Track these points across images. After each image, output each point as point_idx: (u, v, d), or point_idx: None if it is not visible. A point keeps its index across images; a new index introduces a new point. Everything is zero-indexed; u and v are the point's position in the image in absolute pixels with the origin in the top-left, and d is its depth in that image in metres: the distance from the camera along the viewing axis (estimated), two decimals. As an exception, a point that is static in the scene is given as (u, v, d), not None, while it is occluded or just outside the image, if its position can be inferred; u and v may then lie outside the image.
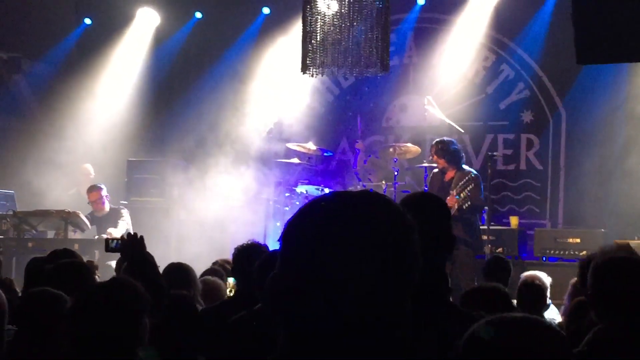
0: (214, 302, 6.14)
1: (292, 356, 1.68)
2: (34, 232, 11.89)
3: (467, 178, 10.52)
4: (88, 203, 12.30)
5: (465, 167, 10.81)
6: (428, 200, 3.65)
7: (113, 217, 12.15)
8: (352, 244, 1.65)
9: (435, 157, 10.84)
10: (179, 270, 6.27)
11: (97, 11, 15.43)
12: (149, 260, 5.18)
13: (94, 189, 12.35)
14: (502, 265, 7.82)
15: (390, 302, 1.66)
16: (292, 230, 1.72)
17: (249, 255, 5.72)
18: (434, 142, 11.02)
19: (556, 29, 12.75)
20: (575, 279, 7.09)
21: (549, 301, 7.89)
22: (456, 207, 10.35)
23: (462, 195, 10.51)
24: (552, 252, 11.39)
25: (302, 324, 1.65)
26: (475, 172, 10.74)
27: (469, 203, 10.35)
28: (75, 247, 10.87)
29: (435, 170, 11.02)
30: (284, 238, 1.72)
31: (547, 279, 8.05)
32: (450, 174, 10.77)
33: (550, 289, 8.07)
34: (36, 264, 5.97)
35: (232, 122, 14.54)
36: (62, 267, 5.36)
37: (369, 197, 1.75)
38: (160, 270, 6.23)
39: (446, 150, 10.75)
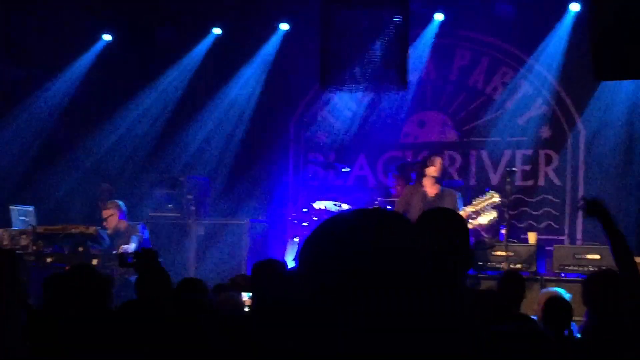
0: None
1: None
2: (53, 247, 11.93)
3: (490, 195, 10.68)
4: (103, 220, 12.36)
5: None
6: (446, 217, 3.65)
7: (129, 233, 12.19)
8: (369, 263, 1.65)
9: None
10: (192, 286, 6.28)
11: (116, 27, 15.49)
12: (163, 274, 5.21)
13: (106, 206, 12.41)
14: (516, 285, 7.72)
15: (404, 320, 1.66)
16: (308, 249, 1.72)
17: (266, 272, 5.74)
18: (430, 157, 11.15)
19: (575, 44, 12.74)
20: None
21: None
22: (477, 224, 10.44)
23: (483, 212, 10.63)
24: (571, 268, 11.32)
25: (316, 341, 1.66)
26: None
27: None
28: (95, 262, 10.91)
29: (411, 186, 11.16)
30: (299, 257, 1.73)
31: (566, 296, 8.01)
32: (433, 189, 10.89)
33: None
34: (55, 280, 5.99)
35: (249, 138, 14.57)
36: (81, 283, 5.38)
37: (384, 215, 1.75)
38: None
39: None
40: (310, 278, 1.69)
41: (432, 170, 11.00)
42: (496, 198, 10.94)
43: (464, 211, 10.76)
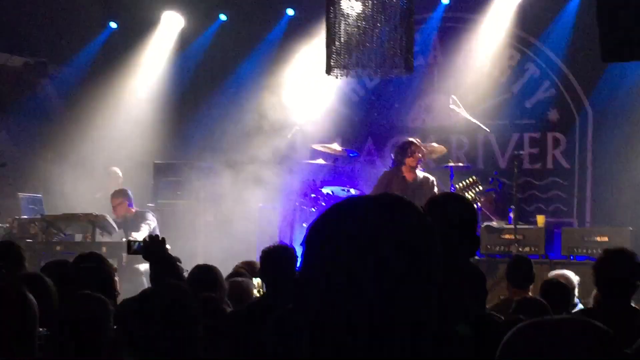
0: (242, 303, 6.15)
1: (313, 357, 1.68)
2: (62, 235, 11.96)
3: (471, 180, 10.77)
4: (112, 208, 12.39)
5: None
6: (452, 201, 3.66)
7: (138, 220, 12.21)
8: (375, 247, 1.65)
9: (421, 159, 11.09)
10: (205, 272, 6.28)
11: (122, 15, 15.50)
12: (171, 261, 5.22)
13: (114, 195, 12.44)
14: (524, 267, 7.70)
15: (412, 305, 1.66)
16: (313, 235, 1.72)
17: (276, 258, 5.75)
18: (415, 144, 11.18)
19: (581, 26, 12.70)
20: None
21: (576, 300, 7.86)
22: None
23: (468, 197, 10.74)
24: (579, 250, 11.32)
25: (324, 327, 1.66)
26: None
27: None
28: (103, 250, 10.93)
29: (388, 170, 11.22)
30: (305, 242, 1.73)
31: (574, 278, 8.02)
32: (411, 175, 10.98)
33: (578, 288, 8.05)
34: (58, 268, 6.00)
35: (257, 123, 14.56)
36: (84, 271, 5.41)
37: (390, 200, 1.75)
38: (187, 271, 6.29)
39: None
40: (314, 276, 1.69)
41: (411, 161, 11.13)
42: (478, 184, 11.05)
43: None
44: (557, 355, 1.89)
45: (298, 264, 7.20)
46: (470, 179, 11.19)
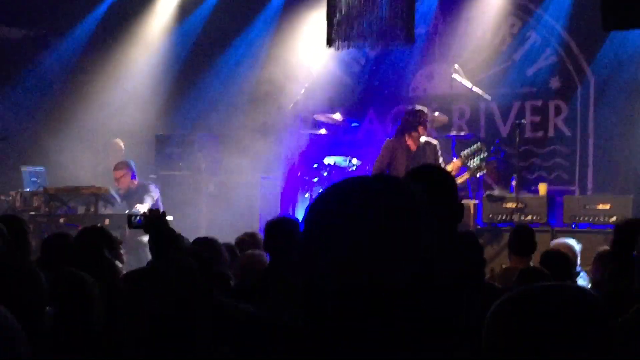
0: (254, 275, 6.15)
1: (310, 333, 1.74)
2: (65, 208, 11.98)
3: (476, 147, 10.83)
4: (115, 180, 12.41)
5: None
6: (434, 172, 3.70)
7: (141, 192, 12.24)
8: (372, 228, 1.70)
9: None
10: (207, 244, 6.30)
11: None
12: (172, 234, 5.22)
13: (117, 167, 12.45)
14: (526, 236, 7.71)
15: (407, 281, 1.70)
16: (311, 215, 1.78)
17: (279, 230, 5.77)
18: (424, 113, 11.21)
19: (583, -7, 12.65)
20: (602, 250, 7.09)
21: (579, 268, 7.89)
22: (467, 176, 10.58)
23: (472, 164, 10.78)
24: (581, 218, 11.34)
25: (322, 305, 1.71)
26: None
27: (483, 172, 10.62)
28: (106, 222, 10.97)
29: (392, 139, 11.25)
30: (305, 222, 1.78)
31: (577, 246, 8.04)
32: (416, 142, 11.02)
33: (580, 256, 8.07)
34: (57, 241, 6.03)
35: (258, 94, 14.56)
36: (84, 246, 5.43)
37: (384, 181, 1.80)
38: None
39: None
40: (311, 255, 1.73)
41: (422, 129, 11.13)
42: (483, 151, 11.08)
43: (454, 164, 10.93)
44: (546, 323, 1.90)
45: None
46: (475, 146, 11.20)
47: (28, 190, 12.30)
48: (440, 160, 11.16)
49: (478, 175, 11.29)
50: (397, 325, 1.69)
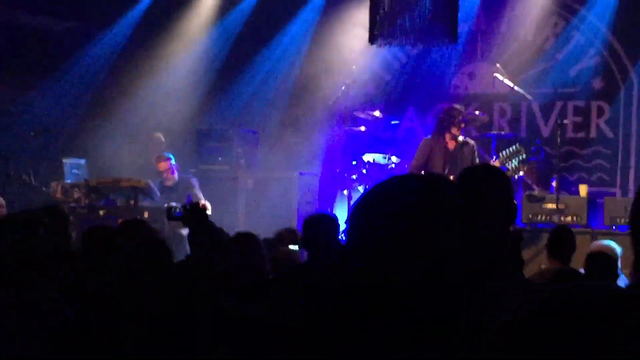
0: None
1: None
2: (105, 200, 12.07)
3: (515, 148, 10.76)
4: (157, 173, 12.46)
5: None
6: (488, 173, 3.66)
7: (182, 186, 12.29)
8: (394, 227, 1.73)
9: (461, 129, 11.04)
10: (247, 239, 6.30)
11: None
12: (213, 227, 5.21)
13: (162, 159, 12.50)
14: (566, 239, 7.62)
15: (418, 279, 1.73)
16: (356, 214, 1.81)
17: (317, 226, 5.77)
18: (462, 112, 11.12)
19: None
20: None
21: (619, 271, 7.81)
22: None
23: (510, 165, 10.71)
24: (622, 220, 11.22)
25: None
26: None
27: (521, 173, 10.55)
28: (145, 215, 11.03)
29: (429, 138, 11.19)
30: (350, 221, 1.82)
31: (618, 248, 7.96)
32: (453, 142, 10.93)
33: (621, 259, 7.99)
34: (98, 234, 6.03)
35: (299, 90, 14.57)
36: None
37: (431, 180, 1.83)
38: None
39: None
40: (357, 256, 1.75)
41: (455, 130, 11.06)
42: (522, 153, 10.97)
43: (493, 164, 10.83)
44: (578, 323, 1.88)
45: (341, 234, 7.21)
46: (514, 148, 11.12)
47: (69, 182, 12.39)
48: (477, 160, 11.09)
49: (516, 176, 11.21)
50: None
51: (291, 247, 6.93)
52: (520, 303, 1.84)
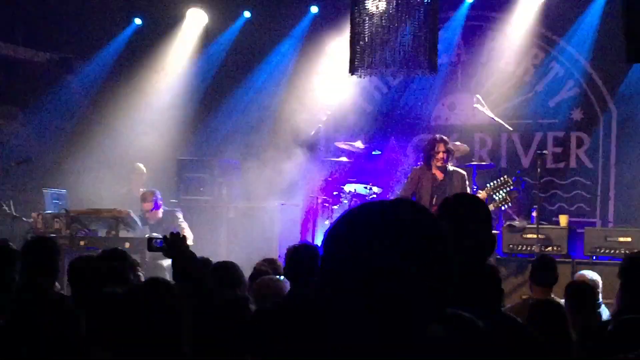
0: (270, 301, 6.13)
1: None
2: (86, 231, 12.02)
3: (503, 179, 10.80)
4: (140, 211, 12.42)
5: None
6: (466, 203, 3.66)
7: (168, 220, 12.26)
8: (389, 254, 1.75)
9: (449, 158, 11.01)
10: (226, 269, 6.30)
11: (147, 11, 15.56)
12: (193, 259, 5.19)
13: (147, 198, 12.45)
14: (548, 266, 7.65)
15: (422, 307, 1.76)
16: (329, 240, 1.83)
17: (300, 256, 5.78)
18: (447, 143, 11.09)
19: (607, 25, 12.64)
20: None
21: (600, 300, 7.83)
22: (492, 208, 10.46)
23: (498, 196, 10.75)
24: (602, 251, 11.27)
25: (340, 327, 1.77)
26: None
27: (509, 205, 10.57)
28: (127, 245, 10.98)
29: (418, 167, 11.19)
30: (323, 246, 1.84)
31: (598, 279, 7.99)
32: (441, 172, 10.95)
33: (601, 289, 8.02)
34: (82, 263, 6.02)
35: (280, 121, 14.61)
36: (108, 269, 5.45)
37: (404, 206, 1.84)
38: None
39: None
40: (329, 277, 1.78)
41: (436, 161, 11.01)
42: (510, 184, 11.03)
43: (479, 195, 10.83)
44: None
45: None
46: (502, 179, 11.17)
47: (49, 212, 12.35)
48: (468, 190, 11.09)
49: (503, 207, 11.27)
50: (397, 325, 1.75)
51: (273, 277, 6.91)
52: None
